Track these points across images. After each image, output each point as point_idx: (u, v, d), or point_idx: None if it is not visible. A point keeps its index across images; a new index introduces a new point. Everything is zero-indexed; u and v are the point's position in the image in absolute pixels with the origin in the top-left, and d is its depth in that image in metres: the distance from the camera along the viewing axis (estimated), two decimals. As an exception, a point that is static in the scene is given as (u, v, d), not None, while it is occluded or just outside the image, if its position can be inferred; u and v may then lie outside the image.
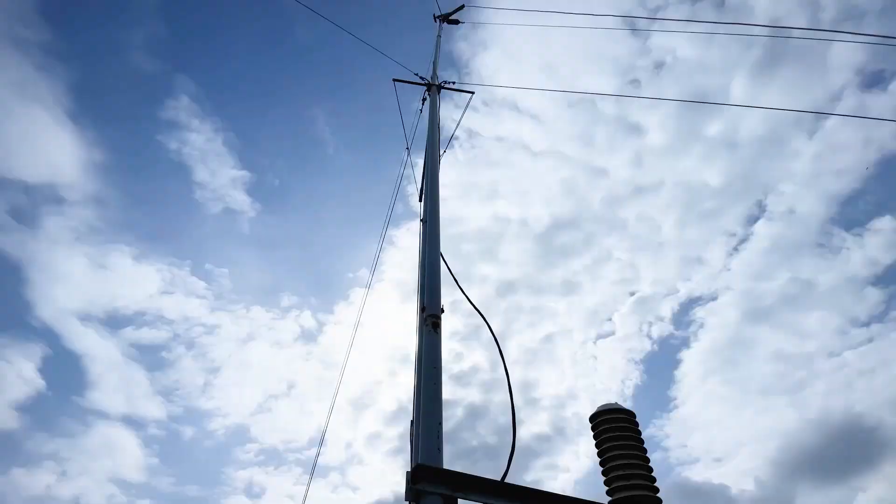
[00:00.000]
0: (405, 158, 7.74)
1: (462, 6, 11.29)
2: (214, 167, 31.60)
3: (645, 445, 3.00)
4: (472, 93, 7.44)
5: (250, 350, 30.91)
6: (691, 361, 28.31)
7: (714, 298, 28.35)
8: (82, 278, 27.18)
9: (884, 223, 24.87)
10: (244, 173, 32.62)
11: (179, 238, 33.04)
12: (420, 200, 7.99)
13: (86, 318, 26.74)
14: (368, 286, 8.48)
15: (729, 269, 28.55)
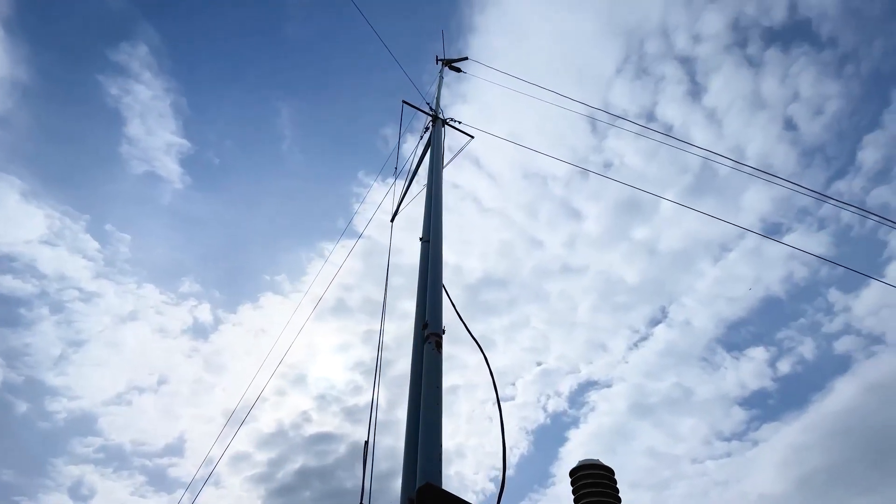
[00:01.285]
0: (393, 180, 7.71)
1: (466, 58, 11.85)
2: (152, 126, 29.14)
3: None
4: (472, 137, 7.70)
5: (127, 331, 27.46)
6: (577, 441, 29.51)
7: (609, 386, 30.18)
8: (-50, 202, 23.17)
9: (757, 353, 28.35)
10: (184, 142, 30.32)
11: (84, 187, 29.43)
12: (392, 220, 7.91)
13: (-62, 249, 22.59)
14: (318, 300, 8.11)
15: (627, 362, 30.73)
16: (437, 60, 12.72)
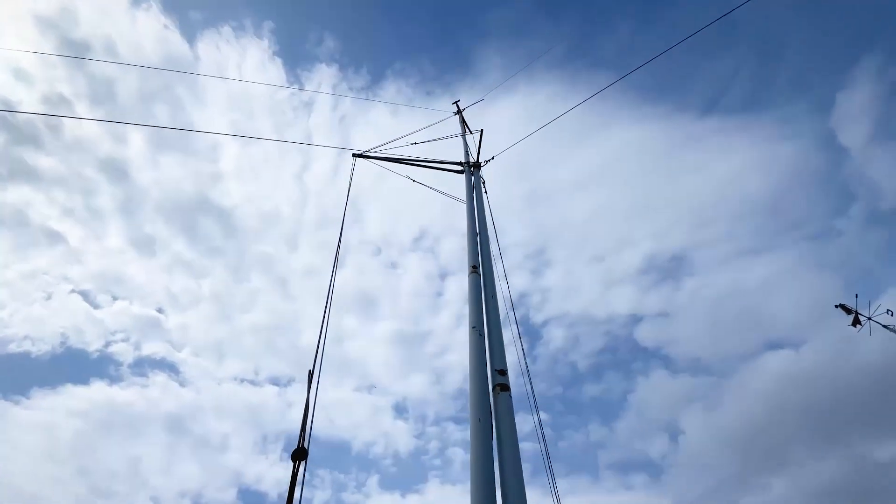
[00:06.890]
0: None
1: (473, 133, 12.42)
2: None
3: None
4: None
5: None
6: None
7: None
8: None
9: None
10: None
11: None
12: (356, 156, 7.11)
13: None
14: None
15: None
16: (454, 103, 12.97)
